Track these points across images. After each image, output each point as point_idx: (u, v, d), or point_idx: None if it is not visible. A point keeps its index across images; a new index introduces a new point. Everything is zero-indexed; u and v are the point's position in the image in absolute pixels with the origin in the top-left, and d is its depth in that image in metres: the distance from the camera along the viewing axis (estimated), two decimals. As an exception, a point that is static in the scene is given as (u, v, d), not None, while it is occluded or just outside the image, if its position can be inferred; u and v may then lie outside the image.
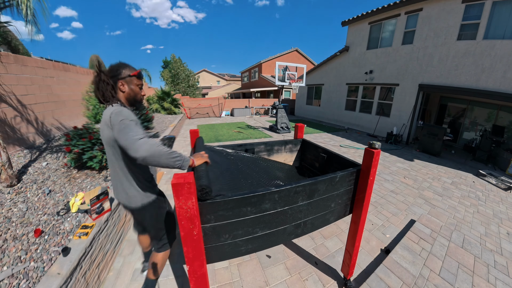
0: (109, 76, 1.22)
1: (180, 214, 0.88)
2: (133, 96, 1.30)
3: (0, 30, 2.69)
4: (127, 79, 1.25)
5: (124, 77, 1.24)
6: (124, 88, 1.26)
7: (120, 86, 1.25)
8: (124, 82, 1.25)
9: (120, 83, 1.24)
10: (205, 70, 37.85)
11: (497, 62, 5.82)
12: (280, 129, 8.75)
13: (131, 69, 1.28)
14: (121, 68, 1.24)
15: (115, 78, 1.23)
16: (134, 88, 1.29)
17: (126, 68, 1.26)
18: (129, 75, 1.25)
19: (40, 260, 1.52)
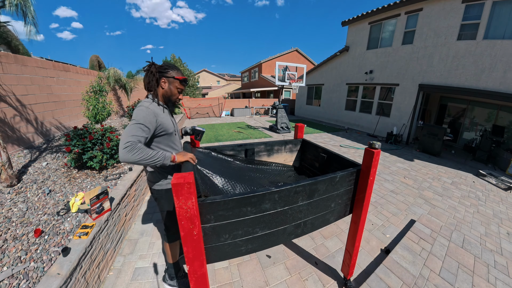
0: (158, 70, 1.35)
1: (180, 214, 0.88)
2: (169, 95, 1.42)
3: (2, 30, 2.69)
4: (170, 79, 1.38)
5: (168, 76, 1.37)
6: (165, 85, 1.39)
7: (162, 82, 1.38)
8: (167, 80, 1.38)
9: (163, 80, 1.37)
10: (205, 70, 37.85)
11: (497, 62, 5.81)
12: (280, 129, 8.75)
13: (179, 73, 1.41)
14: (170, 69, 1.38)
15: (161, 74, 1.36)
16: (172, 89, 1.41)
17: (175, 70, 1.39)
18: (174, 77, 1.38)
19: (40, 260, 1.52)
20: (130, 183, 2.70)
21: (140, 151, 1.13)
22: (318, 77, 12.93)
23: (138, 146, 1.13)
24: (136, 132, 1.17)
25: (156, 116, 1.30)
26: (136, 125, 1.20)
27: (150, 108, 1.28)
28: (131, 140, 1.13)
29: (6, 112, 3.36)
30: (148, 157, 1.15)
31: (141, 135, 1.19)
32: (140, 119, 1.22)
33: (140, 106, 1.28)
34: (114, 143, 3.14)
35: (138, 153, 1.12)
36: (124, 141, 1.12)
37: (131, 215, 2.64)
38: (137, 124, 1.20)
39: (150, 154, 1.16)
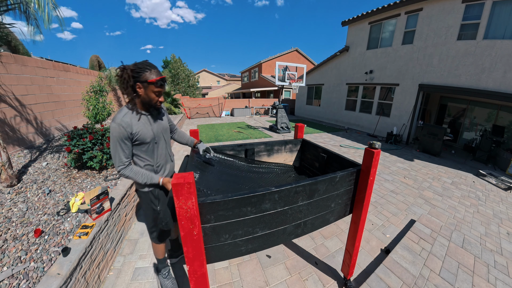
0: (131, 75, 1.21)
1: (180, 214, 0.88)
2: (147, 101, 1.30)
3: (3, 31, 2.69)
4: (144, 84, 1.23)
5: (142, 81, 1.22)
6: (140, 91, 1.25)
7: (137, 88, 1.24)
8: (141, 85, 1.23)
9: (138, 85, 1.23)
10: (205, 70, 37.85)
11: (497, 62, 5.81)
12: (280, 129, 8.75)
13: (153, 74, 1.23)
14: (143, 71, 1.21)
15: (135, 79, 1.22)
16: (149, 94, 1.27)
17: (148, 71, 1.22)
18: (147, 81, 1.22)
19: (40, 260, 1.52)
20: (130, 183, 2.70)
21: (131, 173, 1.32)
22: (318, 77, 12.92)
23: (129, 169, 1.31)
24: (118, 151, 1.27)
25: (130, 127, 1.26)
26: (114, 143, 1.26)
27: (121, 124, 1.23)
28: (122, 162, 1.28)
29: (6, 112, 3.36)
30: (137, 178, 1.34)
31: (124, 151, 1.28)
32: (113, 137, 1.25)
33: (112, 123, 1.24)
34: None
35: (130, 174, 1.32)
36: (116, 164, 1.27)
37: (131, 215, 2.64)
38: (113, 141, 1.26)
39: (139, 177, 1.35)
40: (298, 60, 21.43)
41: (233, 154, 2.13)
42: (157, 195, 1.51)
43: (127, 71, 1.20)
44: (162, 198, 1.54)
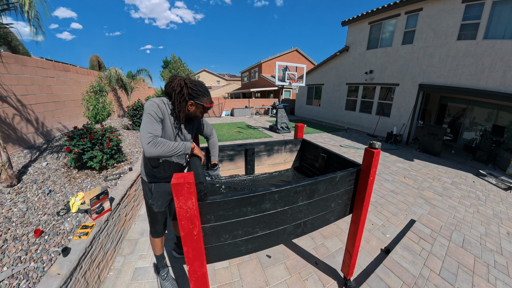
0: (189, 93, 1.30)
1: (180, 214, 0.88)
2: (192, 116, 1.40)
3: (2, 31, 2.69)
4: (199, 105, 1.35)
5: (198, 102, 1.33)
6: (191, 109, 1.35)
7: (189, 105, 1.33)
8: (195, 105, 1.34)
9: (191, 103, 1.32)
10: (205, 70, 37.85)
11: (497, 62, 5.81)
12: (280, 129, 8.75)
13: (208, 100, 1.37)
14: (202, 95, 1.33)
15: (191, 97, 1.31)
16: (197, 113, 1.39)
17: (206, 97, 1.35)
18: (203, 105, 1.35)
19: (40, 261, 1.52)
20: (130, 183, 2.70)
21: (162, 144, 1.20)
22: (318, 77, 12.92)
23: (159, 141, 1.20)
24: (149, 125, 1.23)
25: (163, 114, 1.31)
26: (147, 117, 1.25)
27: (159, 105, 1.29)
28: (150, 134, 1.19)
29: (6, 112, 3.36)
30: (171, 149, 1.23)
31: (155, 127, 1.24)
32: (149, 110, 1.26)
33: (150, 100, 1.30)
34: (114, 143, 3.14)
35: (160, 147, 1.19)
36: (145, 138, 1.18)
37: (131, 215, 2.64)
38: (147, 115, 1.25)
39: (172, 146, 1.23)
40: (298, 60, 21.42)
41: (233, 154, 2.13)
42: (151, 188, 1.54)
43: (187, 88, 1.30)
44: (155, 194, 1.56)
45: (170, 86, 1.32)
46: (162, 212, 1.64)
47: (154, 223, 1.66)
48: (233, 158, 2.15)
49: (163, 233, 1.74)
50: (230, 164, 2.15)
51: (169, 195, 1.62)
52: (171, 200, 1.67)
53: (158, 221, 1.65)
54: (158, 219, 1.64)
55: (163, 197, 1.59)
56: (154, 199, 1.57)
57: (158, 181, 1.55)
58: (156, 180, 1.54)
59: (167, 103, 1.36)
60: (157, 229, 1.68)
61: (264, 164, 2.30)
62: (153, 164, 1.49)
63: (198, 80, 1.39)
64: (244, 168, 2.22)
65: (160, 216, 1.64)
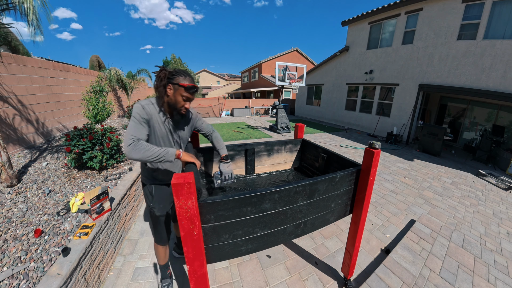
0: (167, 76, 1.28)
1: (180, 214, 0.88)
2: (172, 103, 1.32)
3: (2, 31, 2.69)
4: (175, 85, 1.28)
5: (174, 83, 1.28)
6: (169, 92, 1.30)
7: (168, 89, 1.29)
8: (172, 87, 1.29)
9: (169, 86, 1.29)
10: (205, 70, 37.86)
11: (497, 62, 5.81)
12: (280, 129, 8.74)
13: (186, 80, 1.30)
14: (178, 75, 1.29)
15: (168, 80, 1.28)
16: (177, 97, 1.30)
17: (182, 76, 1.29)
18: (178, 84, 1.27)
19: (40, 261, 1.52)
20: (130, 183, 2.70)
21: (143, 148, 1.17)
22: (318, 77, 12.92)
23: (140, 144, 1.18)
24: (134, 128, 1.22)
25: (150, 116, 1.28)
26: (132, 121, 1.24)
27: (145, 107, 1.27)
28: (132, 137, 1.18)
29: (6, 112, 3.36)
30: (150, 154, 1.18)
31: (139, 131, 1.23)
32: (134, 114, 1.25)
33: (137, 103, 1.29)
34: (114, 143, 3.14)
35: (140, 151, 1.16)
36: (126, 140, 1.18)
37: (131, 215, 2.64)
38: (132, 119, 1.24)
39: (153, 151, 1.19)
40: (298, 60, 21.42)
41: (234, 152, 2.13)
42: (151, 191, 1.52)
43: (164, 72, 1.29)
44: (156, 197, 1.53)
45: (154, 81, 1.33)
46: (165, 216, 1.58)
47: (157, 228, 1.60)
48: (233, 158, 2.15)
49: (168, 241, 1.68)
50: (230, 164, 2.15)
51: (170, 197, 1.58)
52: (173, 202, 1.62)
53: (161, 226, 1.60)
54: (161, 223, 1.59)
55: (165, 200, 1.56)
56: (155, 202, 1.53)
57: (159, 183, 1.52)
58: (157, 182, 1.51)
59: (155, 102, 1.34)
60: (162, 235, 1.62)
61: (264, 164, 2.30)
62: (154, 167, 1.47)
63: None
64: (244, 168, 2.22)
65: (162, 220, 1.58)
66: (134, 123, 1.24)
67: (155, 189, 1.51)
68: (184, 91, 1.29)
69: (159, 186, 1.53)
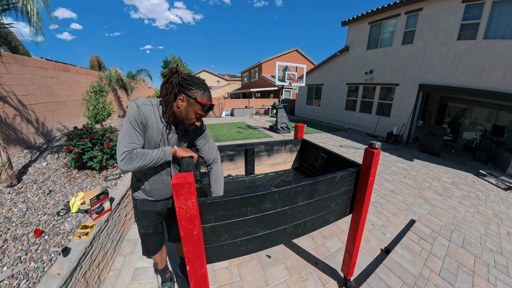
0: (179, 83, 1.07)
1: (180, 214, 0.88)
2: (182, 117, 1.11)
3: (2, 31, 2.70)
4: (191, 100, 1.07)
5: (189, 96, 1.06)
6: (181, 104, 1.08)
7: (179, 99, 1.08)
8: (185, 99, 1.07)
9: (182, 96, 1.07)
10: (205, 70, 37.87)
11: (497, 62, 5.81)
12: (280, 129, 8.75)
13: (205, 96, 1.09)
14: (196, 87, 1.07)
15: (182, 89, 1.07)
16: (189, 112, 1.09)
17: (201, 90, 1.08)
18: (196, 99, 1.07)
19: (40, 261, 1.52)
20: (130, 183, 2.69)
21: (138, 158, 1.04)
22: (318, 77, 12.93)
23: (135, 153, 1.04)
24: (127, 135, 1.05)
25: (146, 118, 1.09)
26: (126, 125, 1.07)
27: (140, 107, 1.07)
28: (125, 150, 1.03)
29: (6, 112, 3.36)
30: (148, 161, 1.07)
31: (134, 137, 1.07)
32: (128, 116, 1.07)
33: (132, 102, 1.09)
34: (114, 143, 3.14)
35: (136, 161, 1.04)
36: (119, 152, 1.03)
37: (131, 215, 2.64)
38: (126, 122, 1.08)
39: (149, 157, 1.07)
40: (298, 60, 21.43)
41: (233, 155, 2.13)
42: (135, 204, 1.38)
43: (178, 76, 1.07)
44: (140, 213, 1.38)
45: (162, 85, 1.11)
46: (150, 234, 1.41)
47: (142, 242, 1.48)
48: (233, 158, 2.15)
49: (155, 252, 1.52)
50: (230, 164, 2.15)
51: (155, 215, 1.38)
52: (162, 222, 1.46)
53: (146, 242, 1.46)
54: (146, 240, 1.44)
55: (149, 218, 1.36)
56: (139, 218, 1.37)
57: (143, 198, 1.33)
58: (140, 197, 1.33)
59: (156, 104, 1.13)
60: (148, 249, 1.49)
61: (264, 164, 2.30)
62: (137, 177, 1.31)
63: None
64: (244, 168, 2.22)
65: (148, 238, 1.43)
66: (127, 127, 1.06)
67: (139, 203, 1.35)
68: (201, 109, 1.09)
69: (143, 201, 1.34)
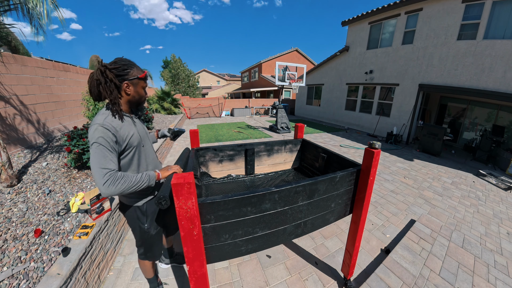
0: (115, 75, 1.09)
1: (180, 214, 0.88)
2: (137, 99, 1.20)
3: (3, 31, 2.70)
4: (134, 81, 1.14)
5: (131, 79, 1.13)
6: (130, 90, 1.15)
7: (125, 88, 1.13)
8: (131, 83, 1.13)
9: (126, 84, 1.12)
10: (205, 70, 37.86)
11: (497, 62, 5.81)
12: (280, 129, 8.75)
13: (139, 70, 1.16)
14: (128, 68, 1.12)
15: (121, 78, 1.11)
16: (139, 91, 1.18)
17: (134, 68, 1.14)
18: (138, 77, 1.14)
19: (40, 261, 1.52)
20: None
21: (122, 179, 1.02)
22: (318, 77, 12.93)
23: (119, 175, 1.02)
24: (102, 158, 1.01)
25: (115, 132, 1.07)
26: (97, 149, 1.01)
27: (105, 125, 1.05)
28: (106, 171, 0.99)
29: (6, 112, 3.36)
30: (133, 183, 1.05)
31: (110, 159, 1.03)
32: (98, 140, 1.02)
33: (92, 126, 1.05)
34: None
35: (121, 183, 1.01)
36: (100, 176, 0.97)
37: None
38: (96, 147, 1.01)
39: (135, 180, 1.06)
40: (298, 60, 21.43)
41: (233, 155, 2.13)
42: (144, 211, 1.33)
43: (109, 71, 1.08)
44: (150, 214, 1.36)
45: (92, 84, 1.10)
46: (159, 231, 1.44)
47: (151, 247, 1.43)
48: (233, 158, 2.15)
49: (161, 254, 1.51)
50: (230, 164, 2.15)
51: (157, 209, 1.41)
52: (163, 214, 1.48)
53: (156, 243, 1.44)
54: (156, 240, 1.44)
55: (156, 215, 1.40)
56: (151, 221, 1.36)
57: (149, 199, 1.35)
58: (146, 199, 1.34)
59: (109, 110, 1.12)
60: (155, 252, 1.46)
61: (264, 164, 2.31)
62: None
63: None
64: (244, 168, 2.22)
65: (157, 237, 1.44)
66: (100, 151, 1.01)
67: (147, 206, 1.34)
68: (144, 82, 1.19)
69: (150, 202, 1.35)
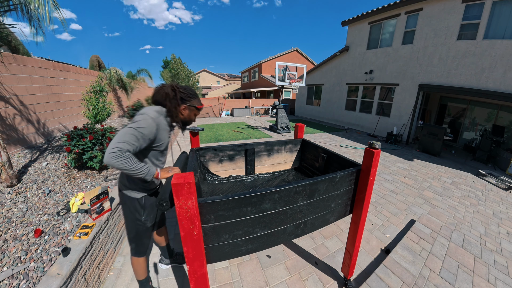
0: (181, 97, 1.34)
1: (180, 214, 0.88)
2: (187, 120, 1.45)
3: (3, 32, 2.70)
4: (191, 107, 1.40)
5: (190, 105, 1.38)
6: (184, 112, 1.39)
7: (182, 109, 1.37)
8: (187, 108, 1.39)
9: (184, 107, 1.37)
10: (205, 70, 37.86)
11: (497, 62, 5.81)
12: (280, 129, 8.74)
13: (199, 102, 1.44)
14: (192, 98, 1.39)
15: (183, 101, 1.35)
16: (191, 116, 1.44)
17: (196, 99, 1.42)
18: (195, 107, 1.41)
19: (40, 261, 1.52)
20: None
21: (126, 160, 1.08)
22: (318, 77, 12.92)
23: (126, 155, 1.08)
24: (129, 139, 1.11)
25: (158, 131, 1.25)
26: (133, 132, 1.13)
27: (156, 121, 1.23)
28: (120, 146, 1.06)
29: (6, 112, 3.36)
30: (131, 168, 1.11)
31: (134, 144, 1.12)
32: (141, 128, 1.15)
33: (145, 115, 1.20)
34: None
35: (123, 162, 1.07)
36: (113, 145, 1.06)
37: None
38: (135, 130, 1.13)
39: (135, 166, 1.12)
40: (298, 60, 21.43)
41: (233, 156, 2.13)
42: (143, 204, 1.40)
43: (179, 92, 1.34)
44: (149, 207, 1.43)
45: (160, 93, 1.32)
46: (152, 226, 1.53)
47: (141, 239, 1.48)
48: (233, 158, 2.15)
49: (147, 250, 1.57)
50: (230, 164, 2.15)
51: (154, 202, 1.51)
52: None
53: (146, 237, 1.50)
54: (148, 234, 1.51)
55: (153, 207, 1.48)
56: (148, 213, 1.44)
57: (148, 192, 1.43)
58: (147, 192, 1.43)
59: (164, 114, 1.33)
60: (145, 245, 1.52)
61: (264, 164, 2.31)
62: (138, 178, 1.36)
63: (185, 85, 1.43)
64: (244, 168, 2.22)
65: (151, 230, 1.53)
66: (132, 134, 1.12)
67: (145, 199, 1.42)
68: (198, 111, 1.46)
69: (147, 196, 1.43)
